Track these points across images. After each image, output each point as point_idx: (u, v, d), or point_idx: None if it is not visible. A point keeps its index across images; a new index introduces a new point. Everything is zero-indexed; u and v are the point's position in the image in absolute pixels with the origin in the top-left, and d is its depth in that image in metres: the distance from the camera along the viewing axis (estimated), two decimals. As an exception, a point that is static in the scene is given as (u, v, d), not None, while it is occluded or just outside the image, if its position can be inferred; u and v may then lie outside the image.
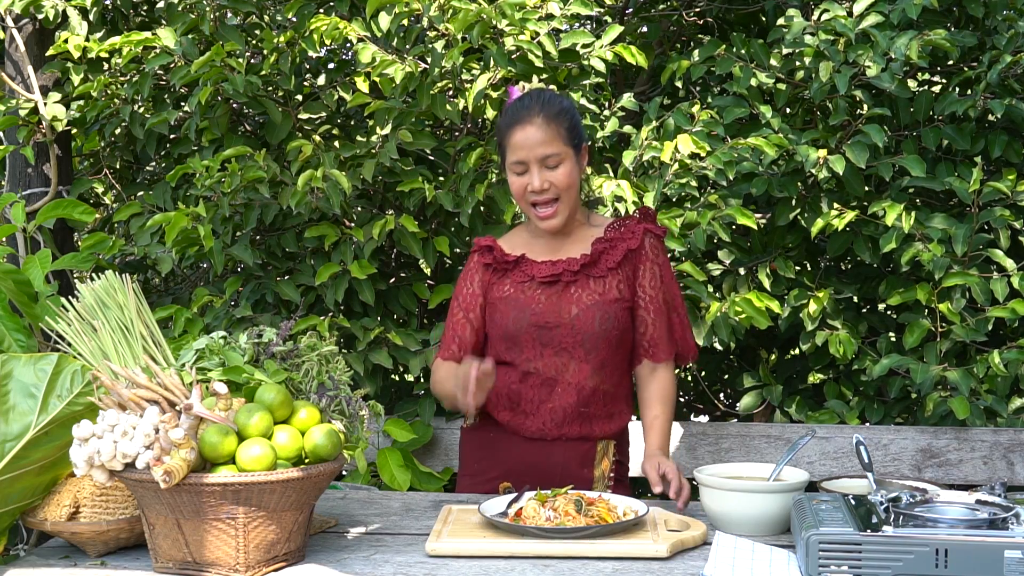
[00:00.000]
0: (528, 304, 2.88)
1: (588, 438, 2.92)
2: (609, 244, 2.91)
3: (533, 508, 2.42)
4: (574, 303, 2.87)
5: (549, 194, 2.84)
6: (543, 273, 2.90)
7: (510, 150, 2.86)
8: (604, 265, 2.89)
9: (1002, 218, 3.49)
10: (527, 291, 2.90)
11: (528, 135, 2.83)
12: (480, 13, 3.42)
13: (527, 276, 2.91)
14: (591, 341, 2.86)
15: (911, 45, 3.39)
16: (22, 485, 2.33)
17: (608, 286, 2.89)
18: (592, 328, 2.86)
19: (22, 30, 4.13)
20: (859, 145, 3.52)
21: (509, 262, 2.93)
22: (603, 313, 2.86)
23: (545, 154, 2.82)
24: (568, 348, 2.87)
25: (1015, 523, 2.06)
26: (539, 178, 2.82)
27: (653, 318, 2.92)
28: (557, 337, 2.86)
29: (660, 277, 2.93)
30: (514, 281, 2.92)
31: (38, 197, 4.14)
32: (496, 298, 2.93)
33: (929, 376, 3.48)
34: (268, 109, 3.86)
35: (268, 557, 2.17)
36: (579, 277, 2.89)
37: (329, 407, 2.34)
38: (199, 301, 3.87)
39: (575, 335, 2.86)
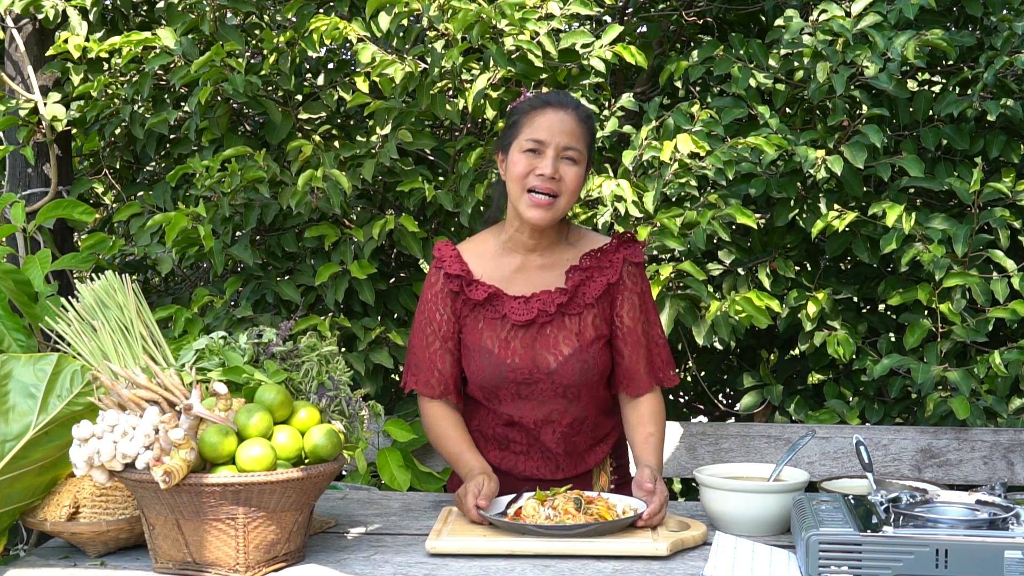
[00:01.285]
0: (503, 358, 2.71)
1: (585, 472, 2.82)
2: (586, 275, 2.75)
3: (533, 507, 2.42)
4: (550, 353, 2.71)
5: (553, 186, 2.65)
6: (517, 314, 2.72)
7: (530, 127, 2.67)
8: (581, 302, 2.74)
9: (1002, 218, 3.49)
10: (500, 335, 2.73)
11: (559, 120, 2.67)
12: (480, 13, 3.42)
13: (498, 314, 2.74)
14: (572, 391, 2.73)
15: (908, 45, 3.39)
16: (22, 485, 2.33)
17: (584, 324, 2.73)
18: (573, 379, 2.72)
19: (22, 30, 4.13)
20: (857, 145, 3.52)
21: (479, 301, 2.75)
22: (583, 363, 2.71)
23: (568, 145, 2.66)
24: (549, 399, 2.73)
25: (1015, 523, 2.06)
26: (553, 166, 2.64)
27: (630, 351, 2.77)
28: (536, 391, 2.73)
29: (639, 307, 2.78)
30: (487, 318, 2.74)
31: (38, 197, 4.14)
32: (470, 343, 2.76)
33: (930, 376, 3.48)
34: (268, 109, 3.86)
35: (268, 557, 2.18)
36: (554, 317, 2.72)
37: (329, 407, 2.34)
38: (199, 301, 3.86)
39: (555, 387, 2.72)
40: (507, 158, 2.71)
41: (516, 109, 2.75)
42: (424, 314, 2.81)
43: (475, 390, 2.78)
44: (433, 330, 2.78)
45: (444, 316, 2.78)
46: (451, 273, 2.76)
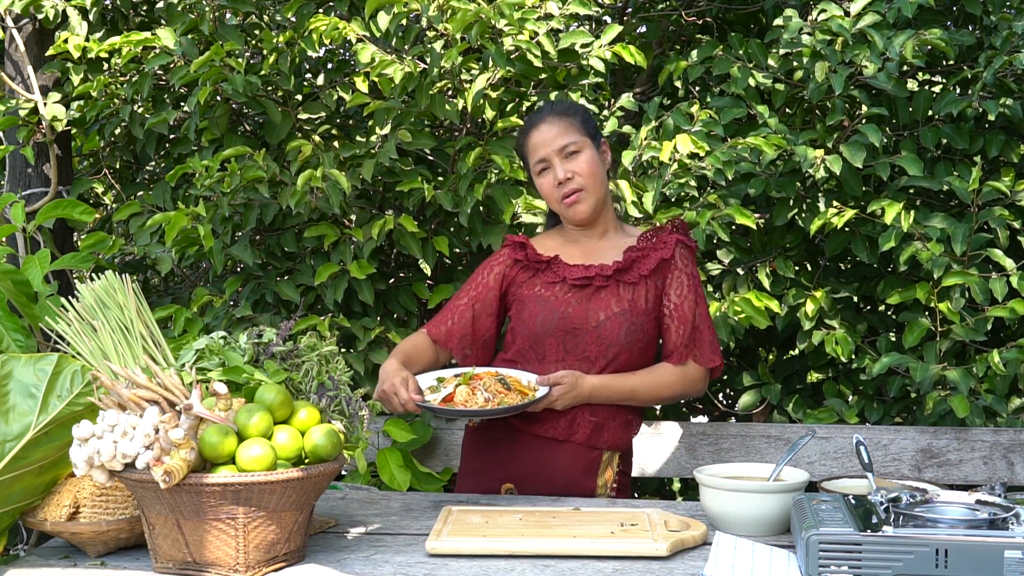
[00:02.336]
0: (557, 306, 2.90)
1: (596, 447, 2.91)
2: (641, 253, 2.94)
3: (465, 393, 2.61)
4: (602, 309, 2.89)
5: (574, 183, 2.90)
6: (575, 275, 2.93)
7: (531, 154, 2.97)
8: (636, 272, 2.92)
9: (1001, 218, 3.49)
10: (558, 293, 2.93)
11: (542, 133, 2.94)
12: (479, 13, 3.42)
13: (558, 277, 2.94)
14: (614, 351, 2.89)
15: (907, 45, 3.39)
16: (22, 485, 2.33)
17: (637, 295, 2.91)
18: (617, 338, 2.88)
19: (22, 30, 4.13)
20: (856, 145, 3.52)
21: (542, 261, 2.97)
22: (630, 324, 2.89)
23: (562, 144, 2.91)
24: (591, 357, 2.88)
25: (1015, 523, 2.06)
26: (562, 168, 2.90)
27: (677, 325, 2.93)
28: (581, 345, 2.89)
29: (687, 287, 2.95)
30: (544, 281, 2.96)
31: (38, 197, 4.13)
32: (526, 296, 2.96)
33: (928, 375, 3.48)
34: (268, 109, 3.86)
35: (268, 557, 2.18)
36: (610, 283, 2.91)
37: (329, 407, 2.34)
38: (199, 301, 3.86)
39: (600, 344, 2.88)
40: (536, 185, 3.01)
41: (518, 145, 3.05)
42: (472, 276, 3.08)
43: (522, 339, 2.95)
44: (469, 289, 3.05)
45: (486, 280, 3.05)
46: (518, 243, 3.04)
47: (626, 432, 2.96)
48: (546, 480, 2.88)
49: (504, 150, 3.63)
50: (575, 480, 2.89)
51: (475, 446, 3.05)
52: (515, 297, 3.00)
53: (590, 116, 3.02)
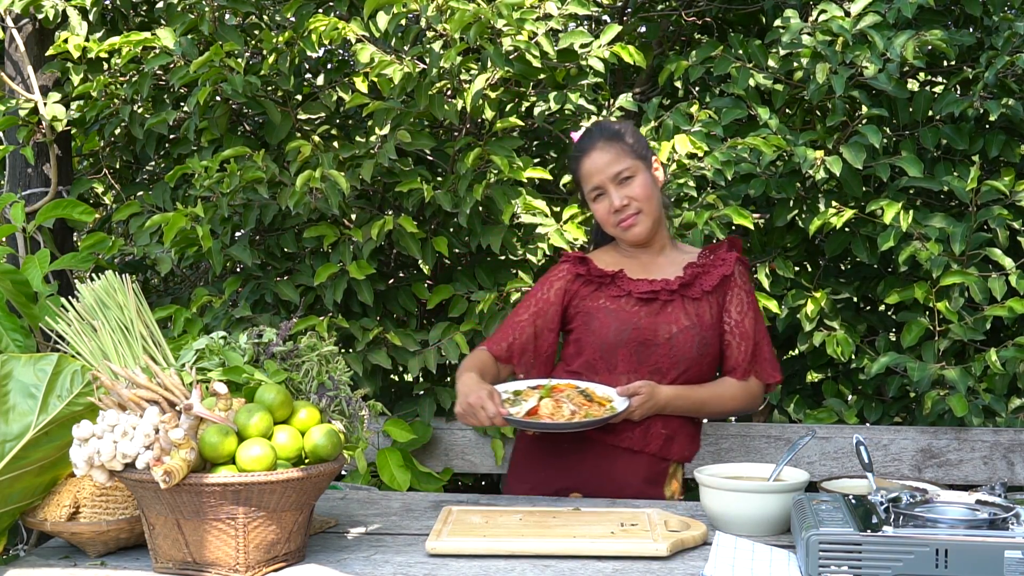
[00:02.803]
0: (630, 318, 2.92)
1: (666, 458, 2.95)
2: (702, 269, 2.97)
3: (550, 406, 2.63)
4: (672, 323, 2.91)
5: (630, 209, 2.94)
6: (641, 289, 2.94)
7: (584, 182, 3.00)
8: (699, 288, 2.95)
9: (1000, 217, 3.49)
10: (626, 306, 2.94)
11: (594, 160, 2.96)
12: (477, 13, 3.42)
13: (623, 291, 2.95)
14: (685, 364, 2.92)
15: (907, 45, 3.39)
16: (22, 485, 2.33)
17: (702, 310, 2.94)
18: (689, 352, 2.91)
19: (22, 30, 4.13)
20: (856, 146, 3.52)
21: (606, 275, 2.98)
22: (701, 337, 2.92)
23: (615, 172, 2.94)
24: (663, 369, 2.91)
25: (1015, 523, 2.06)
26: (618, 196, 2.93)
27: (738, 342, 2.97)
28: (654, 357, 2.90)
29: (747, 304, 2.99)
30: (609, 295, 2.96)
31: (38, 197, 4.13)
32: (593, 308, 2.96)
33: (927, 374, 3.49)
34: (267, 109, 3.86)
35: (268, 557, 2.18)
36: (675, 297, 2.94)
37: (329, 407, 2.34)
38: (198, 301, 3.86)
39: (672, 357, 2.90)
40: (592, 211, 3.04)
41: (571, 170, 3.09)
42: (531, 292, 3.09)
43: (591, 351, 2.95)
44: (528, 305, 3.05)
45: (546, 295, 3.04)
46: (579, 258, 3.05)
47: (692, 445, 3.01)
48: (614, 489, 2.89)
49: (503, 150, 3.63)
50: (643, 490, 2.91)
51: (536, 454, 3.02)
52: (579, 310, 3.00)
53: (639, 135, 3.05)
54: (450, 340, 3.71)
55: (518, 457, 3.10)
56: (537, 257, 3.82)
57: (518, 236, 3.81)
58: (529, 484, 3.00)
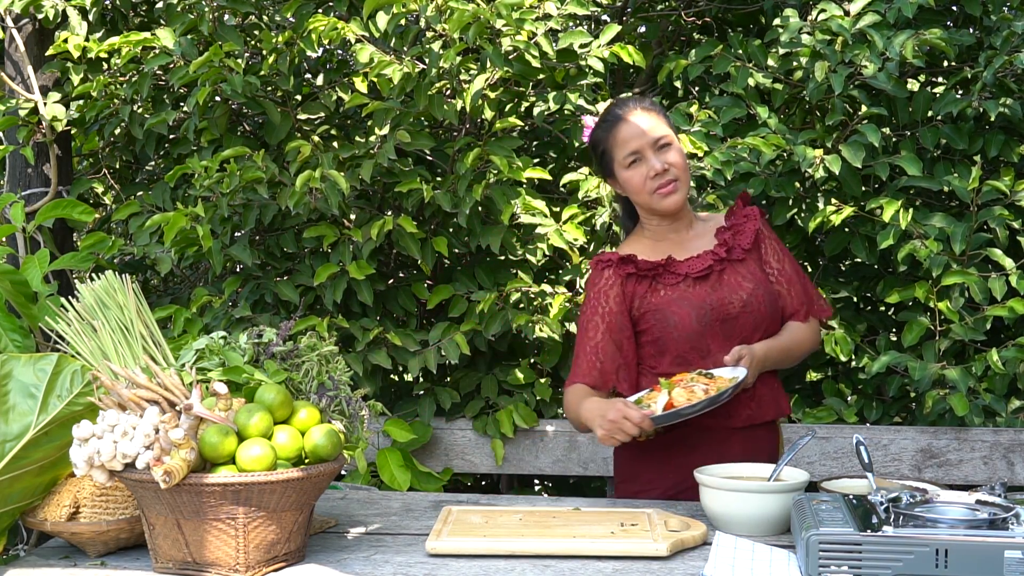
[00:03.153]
0: (703, 299, 2.85)
1: (773, 420, 2.95)
2: (733, 231, 2.94)
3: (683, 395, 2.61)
4: (739, 289, 2.87)
5: (670, 175, 2.86)
6: (695, 269, 2.88)
7: (618, 147, 2.89)
8: (740, 248, 2.91)
9: (1001, 217, 3.49)
10: (687, 289, 2.87)
11: (632, 126, 2.88)
12: (476, 13, 3.42)
13: (679, 276, 2.89)
14: (765, 323, 2.90)
15: (906, 45, 3.39)
16: (22, 485, 2.33)
17: (753, 268, 2.91)
18: (765, 310, 2.89)
19: (22, 30, 4.13)
20: (856, 145, 3.52)
21: (657, 266, 2.90)
22: (767, 293, 2.90)
23: (656, 137, 2.87)
24: (748, 335, 2.86)
25: (1015, 523, 2.06)
26: (658, 160, 2.86)
27: (787, 288, 2.95)
28: (739, 327, 2.86)
29: (780, 250, 2.98)
30: (667, 284, 2.89)
31: (38, 197, 4.13)
32: (661, 303, 2.87)
33: (927, 374, 3.49)
34: (267, 109, 3.86)
35: (268, 557, 2.18)
36: (726, 265, 2.89)
37: (329, 407, 2.34)
38: (198, 301, 3.86)
39: (754, 321, 2.87)
40: (618, 180, 2.94)
41: (597, 139, 2.96)
42: (588, 310, 2.94)
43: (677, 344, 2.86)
44: (598, 320, 2.91)
45: (612, 303, 2.91)
46: (621, 258, 2.91)
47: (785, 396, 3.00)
48: None
49: (503, 151, 3.63)
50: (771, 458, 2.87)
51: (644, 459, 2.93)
52: (645, 309, 2.89)
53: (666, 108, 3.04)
54: (450, 340, 3.71)
55: (625, 461, 3.00)
56: (537, 257, 3.82)
57: (518, 236, 3.81)
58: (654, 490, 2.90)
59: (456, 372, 3.94)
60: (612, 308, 2.90)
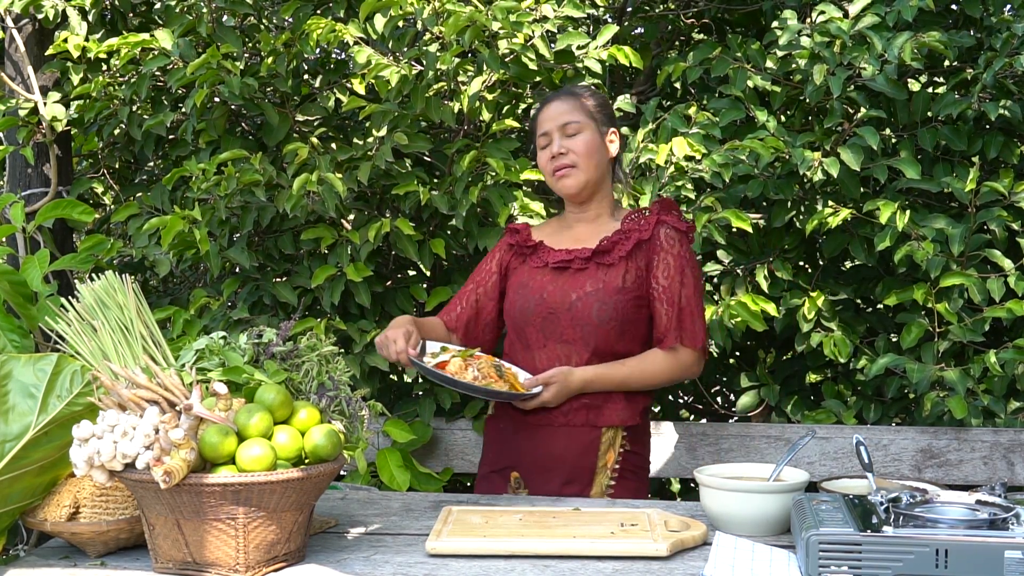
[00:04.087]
0: (538, 290, 2.98)
1: (594, 425, 2.96)
2: (624, 235, 2.98)
3: (457, 365, 2.73)
4: (575, 289, 2.94)
5: (567, 159, 2.98)
6: (556, 259, 2.99)
7: (537, 129, 3.06)
8: (615, 254, 2.95)
9: (1000, 218, 3.50)
10: (539, 277, 3.00)
11: (549, 110, 3.03)
12: (473, 16, 3.42)
13: (542, 262, 3.02)
14: (589, 331, 2.93)
15: (905, 47, 3.39)
16: (22, 485, 2.33)
17: (613, 275, 2.93)
18: (589, 317, 2.92)
19: (22, 30, 4.13)
20: (854, 147, 3.52)
21: (529, 246, 3.06)
22: (600, 303, 2.91)
23: (565, 121, 2.99)
24: (569, 340, 2.94)
25: (1015, 523, 2.06)
26: (558, 143, 2.98)
27: (665, 308, 2.95)
28: (559, 328, 2.94)
29: (673, 268, 2.95)
30: (531, 266, 3.04)
31: (38, 197, 4.14)
32: (514, 283, 3.06)
33: (926, 375, 3.49)
34: (265, 111, 3.86)
35: (268, 557, 2.17)
36: (589, 265, 2.96)
37: (329, 407, 2.34)
38: (196, 303, 3.86)
39: (575, 326, 2.93)
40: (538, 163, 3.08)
41: (530, 124, 3.13)
42: (478, 265, 3.20)
43: (512, 332, 3.05)
44: (475, 275, 3.18)
45: (488, 266, 3.16)
46: (514, 229, 3.16)
47: (627, 409, 2.98)
48: (547, 463, 2.96)
49: (500, 152, 3.64)
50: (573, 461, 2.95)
51: (491, 437, 3.13)
52: (507, 284, 3.11)
53: (605, 104, 3.08)
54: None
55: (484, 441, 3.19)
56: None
57: (516, 238, 3.80)
58: (487, 466, 3.10)
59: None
60: (491, 268, 3.15)
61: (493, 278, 3.14)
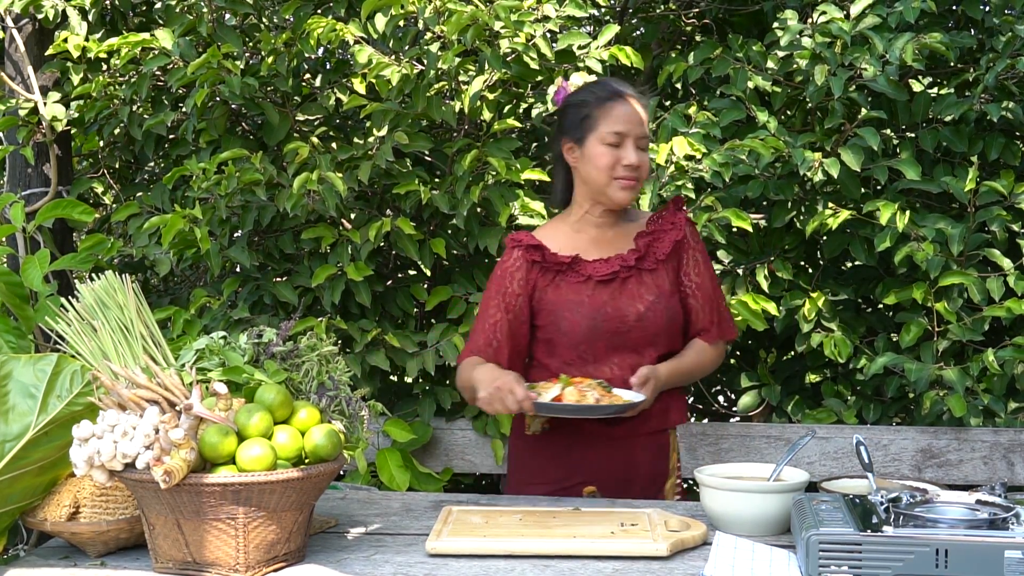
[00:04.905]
0: (596, 306, 2.83)
1: (664, 428, 2.96)
2: (653, 237, 2.90)
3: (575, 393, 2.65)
4: (638, 301, 2.85)
5: (636, 174, 2.82)
6: (600, 272, 2.85)
7: (607, 121, 2.82)
8: (654, 258, 2.88)
9: (999, 218, 3.50)
10: (587, 291, 2.85)
11: (632, 111, 2.83)
12: (475, 15, 3.42)
13: (583, 277, 2.86)
14: (660, 338, 2.88)
15: (906, 48, 3.39)
16: (22, 485, 2.33)
17: (661, 279, 2.89)
18: (661, 324, 2.87)
19: (22, 30, 4.13)
20: (855, 148, 3.52)
21: (562, 263, 2.87)
22: (667, 307, 2.87)
23: (642, 134, 2.84)
24: (640, 347, 2.86)
25: (1015, 523, 2.06)
26: (635, 155, 2.81)
27: (702, 304, 2.94)
28: (629, 339, 2.85)
29: (703, 264, 2.95)
30: (570, 283, 2.86)
31: (38, 197, 4.13)
32: (553, 302, 2.86)
33: (925, 375, 3.49)
34: (266, 110, 3.86)
35: (268, 557, 2.17)
36: (633, 273, 2.86)
37: (329, 407, 2.33)
38: (197, 303, 3.86)
39: (646, 335, 2.86)
40: (584, 149, 2.85)
41: (585, 101, 2.87)
42: (492, 289, 2.92)
43: (566, 350, 2.87)
44: (499, 301, 2.89)
45: (515, 287, 2.89)
46: (531, 244, 2.88)
47: (684, 407, 3.01)
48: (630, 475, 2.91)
49: (501, 152, 3.63)
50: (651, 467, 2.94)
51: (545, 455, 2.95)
52: (542, 306, 2.88)
53: None
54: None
55: (520, 460, 3.03)
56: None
57: (516, 238, 3.80)
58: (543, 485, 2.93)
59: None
60: (515, 291, 2.88)
61: (522, 299, 2.88)
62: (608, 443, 2.90)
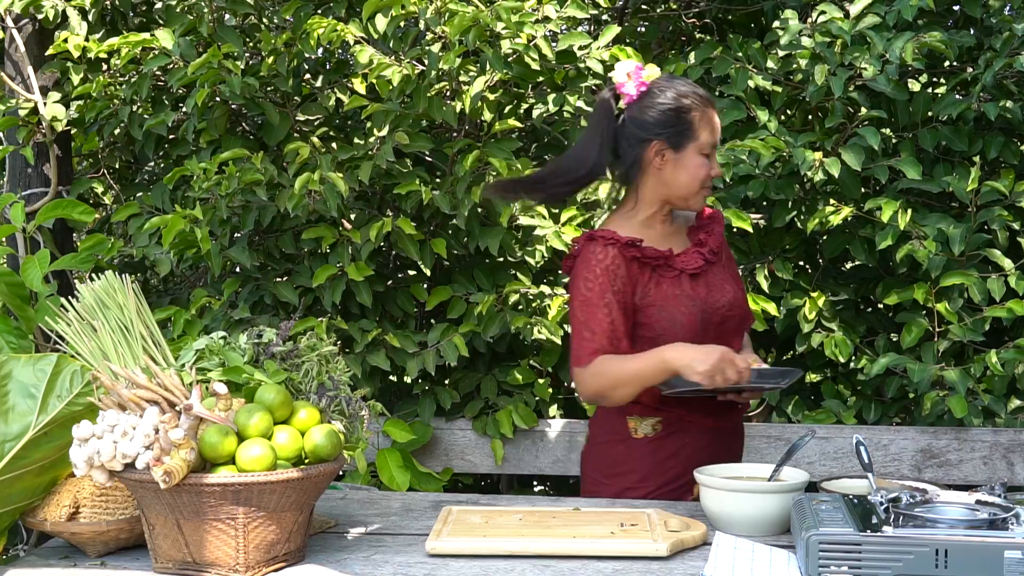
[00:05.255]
0: (700, 298, 2.79)
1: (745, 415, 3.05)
2: (704, 231, 2.91)
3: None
4: (730, 290, 2.86)
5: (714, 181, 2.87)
6: (690, 265, 2.81)
7: (707, 131, 2.79)
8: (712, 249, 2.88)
9: (1000, 218, 3.50)
10: (686, 285, 2.79)
11: (718, 121, 2.83)
12: (476, 16, 3.42)
13: (676, 271, 2.80)
14: (746, 324, 2.95)
15: (906, 47, 3.39)
16: (22, 485, 2.33)
17: (726, 269, 2.92)
18: (747, 309, 2.93)
19: (22, 30, 4.13)
20: (855, 147, 3.52)
21: (660, 257, 2.79)
22: (742, 295, 2.92)
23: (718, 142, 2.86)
24: (734, 337, 2.88)
25: (1015, 523, 2.06)
26: (716, 167, 2.82)
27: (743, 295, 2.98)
28: (728, 329, 2.86)
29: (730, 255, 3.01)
30: (668, 278, 2.80)
31: (38, 197, 4.13)
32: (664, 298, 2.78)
33: (926, 375, 3.49)
34: (266, 110, 3.86)
35: (268, 557, 2.17)
36: (710, 266, 2.86)
37: (329, 407, 2.33)
38: (197, 303, 3.86)
39: (737, 322, 2.89)
40: (679, 156, 2.78)
41: (689, 106, 2.78)
42: (597, 287, 2.75)
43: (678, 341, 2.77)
44: (611, 298, 2.73)
45: (621, 284, 2.75)
46: (628, 241, 2.76)
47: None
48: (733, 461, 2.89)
49: (502, 152, 3.63)
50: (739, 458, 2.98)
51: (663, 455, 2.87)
52: (647, 302, 2.78)
53: None
54: (449, 342, 3.71)
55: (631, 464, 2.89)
56: (535, 259, 3.82)
57: (516, 238, 3.81)
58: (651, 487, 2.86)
59: (455, 373, 3.95)
60: (622, 288, 2.75)
61: (628, 295, 2.75)
62: (715, 436, 2.88)
